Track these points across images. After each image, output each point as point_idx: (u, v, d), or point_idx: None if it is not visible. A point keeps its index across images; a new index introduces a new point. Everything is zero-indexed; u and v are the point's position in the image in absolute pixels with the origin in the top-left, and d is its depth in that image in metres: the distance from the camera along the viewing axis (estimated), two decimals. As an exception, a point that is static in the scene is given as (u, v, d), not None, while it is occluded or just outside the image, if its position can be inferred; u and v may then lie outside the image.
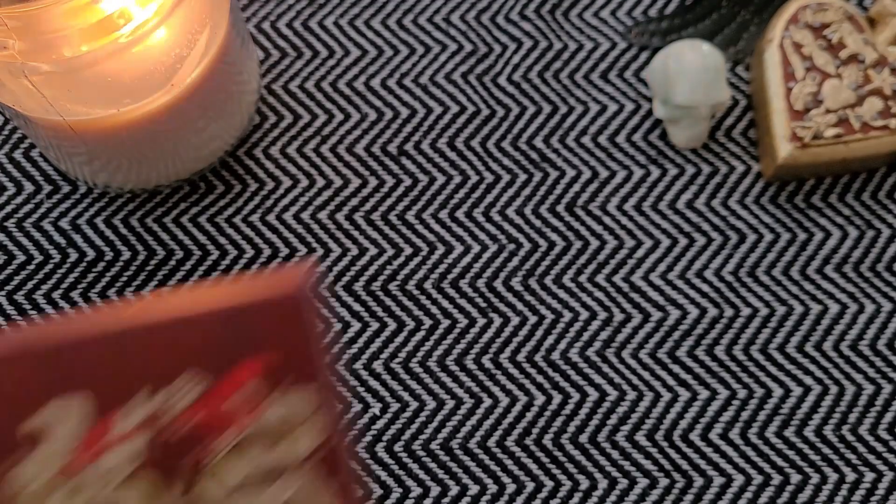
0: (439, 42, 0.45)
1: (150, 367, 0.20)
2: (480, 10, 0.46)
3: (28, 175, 0.43)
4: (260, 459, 0.21)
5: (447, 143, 0.44)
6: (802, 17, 0.41)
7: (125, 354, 0.20)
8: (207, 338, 0.20)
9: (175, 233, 0.42)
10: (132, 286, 0.41)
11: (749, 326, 0.41)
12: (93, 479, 0.20)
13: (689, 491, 0.38)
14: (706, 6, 0.46)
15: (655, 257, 0.42)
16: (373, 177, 0.43)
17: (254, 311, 0.20)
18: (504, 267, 0.41)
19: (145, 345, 0.20)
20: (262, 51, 0.45)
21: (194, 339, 0.20)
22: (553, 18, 0.46)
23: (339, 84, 0.45)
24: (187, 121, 0.39)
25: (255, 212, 0.42)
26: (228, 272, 0.41)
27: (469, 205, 0.43)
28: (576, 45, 0.45)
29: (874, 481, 0.39)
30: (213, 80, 0.38)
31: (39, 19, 0.31)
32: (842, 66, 0.41)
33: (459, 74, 0.45)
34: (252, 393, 0.21)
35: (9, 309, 0.41)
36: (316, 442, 0.21)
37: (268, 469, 0.21)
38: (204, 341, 0.20)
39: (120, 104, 0.36)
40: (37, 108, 0.35)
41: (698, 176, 0.43)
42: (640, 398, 0.40)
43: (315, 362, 0.21)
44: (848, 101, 0.40)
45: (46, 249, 0.42)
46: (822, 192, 0.43)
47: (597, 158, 0.43)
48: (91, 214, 0.42)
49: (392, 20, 0.46)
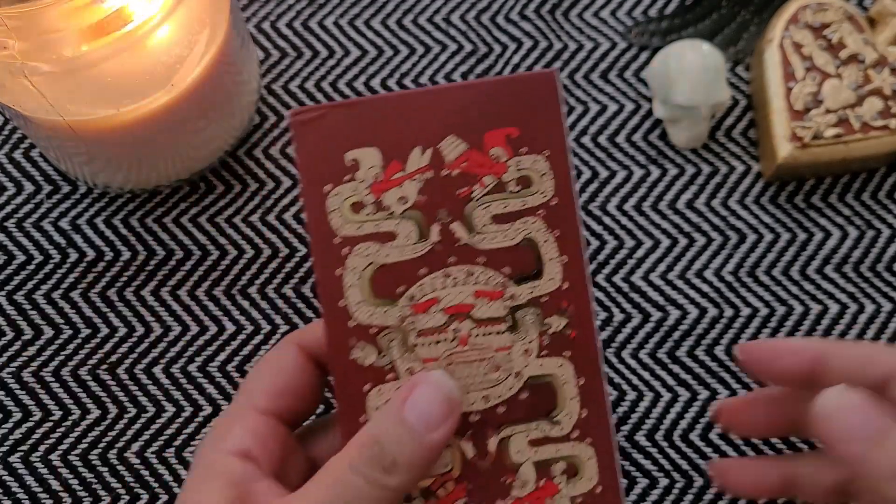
0: (439, 42, 0.45)
1: (421, 130, 0.28)
2: (480, 10, 0.46)
3: (28, 175, 0.43)
4: (507, 202, 0.28)
5: (447, 143, 0.43)
6: (802, 17, 0.41)
7: (403, 117, 0.28)
8: (466, 108, 0.28)
9: (175, 233, 0.42)
10: (132, 286, 0.41)
11: (749, 326, 0.41)
12: (391, 200, 0.28)
13: (689, 491, 0.38)
14: (706, 6, 0.46)
15: (655, 257, 0.42)
16: (373, 177, 0.43)
17: (506, 86, 0.28)
18: (504, 267, 0.41)
19: (417, 109, 0.28)
20: (262, 51, 0.45)
21: (455, 108, 0.28)
22: (553, 18, 0.45)
23: (339, 84, 0.45)
24: (187, 121, 0.39)
25: (255, 211, 0.42)
26: (228, 272, 0.41)
27: (469, 205, 0.42)
28: (576, 45, 0.45)
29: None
30: (213, 81, 0.38)
31: (39, 19, 0.31)
32: (842, 66, 0.41)
33: (459, 74, 0.45)
34: (498, 155, 0.28)
35: (8, 309, 0.41)
36: (547, 196, 0.28)
37: (510, 211, 0.28)
38: (462, 111, 0.28)
39: (120, 104, 0.36)
40: (37, 109, 0.35)
41: (698, 176, 0.43)
42: (640, 398, 0.40)
43: (551, 135, 0.28)
44: (848, 101, 0.40)
45: (46, 249, 0.42)
46: (822, 191, 0.43)
47: (597, 158, 0.43)
48: (91, 214, 0.42)
49: (392, 20, 0.46)
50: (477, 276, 0.28)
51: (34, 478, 0.38)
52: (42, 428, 0.39)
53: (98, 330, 0.41)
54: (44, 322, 0.41)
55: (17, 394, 0.40)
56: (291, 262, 0.41)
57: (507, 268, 0.28)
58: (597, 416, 0.28)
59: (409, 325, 0.28)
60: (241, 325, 0.41)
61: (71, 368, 0.40)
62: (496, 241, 0.28)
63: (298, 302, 0.41)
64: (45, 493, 0.38)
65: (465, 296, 0.28)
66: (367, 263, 0.28)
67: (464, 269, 0.28)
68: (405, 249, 0.28)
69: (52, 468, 0.39)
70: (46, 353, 0.40)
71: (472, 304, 0.28)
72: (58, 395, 0.40)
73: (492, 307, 0.28)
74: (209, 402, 0.40)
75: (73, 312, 0.41)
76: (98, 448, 0.39)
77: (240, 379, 0.40)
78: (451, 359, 0.28)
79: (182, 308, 0.41)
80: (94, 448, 0.39)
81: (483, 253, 0.28)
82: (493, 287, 0.28)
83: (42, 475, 0.39)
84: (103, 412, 0.39)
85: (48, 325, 0.41)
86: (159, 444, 0.39)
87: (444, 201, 0.28)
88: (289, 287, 0.41)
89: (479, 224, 0.28)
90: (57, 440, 0.39)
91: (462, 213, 0.28)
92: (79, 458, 0.39)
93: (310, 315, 0.41)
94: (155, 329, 0.41)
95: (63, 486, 0.38)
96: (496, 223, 0.28)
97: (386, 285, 0.28)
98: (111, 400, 0.40)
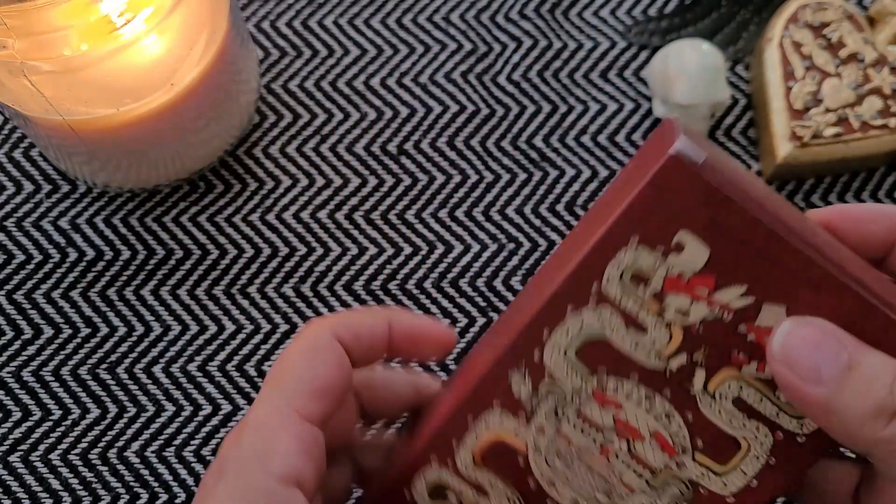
0: (439, 41, 0.45)
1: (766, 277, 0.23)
2: (480, 10, 0.46)
3: (27, 174, 0.43)
4: (765, 402, 0.24)
5: (447, 142, 0.44)
6: (802, 16, 0.41)
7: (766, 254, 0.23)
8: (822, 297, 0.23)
9: (175, 232, 0.42)
10: (132, 285, 0.41)
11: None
12: (672, 303, 0.24)
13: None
14: (706, 5, 0.46)
15: (655, 256, 0.42)
16: (372, 176, 0.43)
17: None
18: (504, 266, 0.41)
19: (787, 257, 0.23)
20: (261, 50, 0.45)
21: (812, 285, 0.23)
22: (553, 17, 0.45)
23: (338, 83, 0.45)
24: (187, 120, 0.39)
25: (255, 211, 0.42)
26: (228, 271, 0.41)
27: (469, 204, 0.42)
28: (575, 45, 0.45)
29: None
30: (213, 80, 0.38)
31: (39, 18, 0.31)
32: (841, 66, 0.41)
33: (459, 74, 0.45)
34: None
35: (8, 308, 0.41)
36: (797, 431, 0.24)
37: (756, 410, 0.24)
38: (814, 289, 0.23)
39: (120, 104, 0.36)
40: (36, 108, 0.35)
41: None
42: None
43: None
44: (847, 101, 0.40)
45: (46, 249, 0.42)
46: (822, 191, 0.43)
47: (596, 158, 0.43)
48: (90, 214, 0.42)
49: (392, 19, 0.46)
50: (671, 423, 0.25)
51: (34, 477, 0.38)
52: (42, 427, 0.39)
53: (98, 329, 0.40)
54: (43, 321, 0.41)
55: (16, 393, 0.40)
56: (291, 261, 0.41)
57: (700, 441, 0.25)
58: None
59: (576, 399, 0.26)
60: (240, 324, 0.41)
61: (71, 368, 0.40)
62: (716, 416, 0.25)
63: (298, 301, 0.41)
64: (45, 492, 0.38)
65: (646, 428, 0.25)
66: (598, 327, 0.25)
67: (668, 408, 0.25)
68: (640, 349, 0.25)
69: (52, 467, 0.39)
70: (46, 353, 0.40)
71: (643, 438, 0.25)
72: (57, 395, 0.40)
73: (655, 455, 0.26)
74: (209, 401, 0.39)
75: (72, 312, 0.41)
76: (98, 447, 0.39)
77: (240, 378, 0.40)
78: (582, 455, 0.26)
79: (182, 307, 0.41)
80: (94, 447, 0.39)
81: (696, 413, 0.25)
82: (674, 443, 0.25)
83: (42, 474, 0.39)
84: (103, 411, 0.39)
85: (48, 325, 0.41)
86: (159, 443, 0.39)
87: (712, 347, 0.24)
88: (288, 286, 0.41)
89: (719, 392, 0.25)
90: (57, 439, 0.39)
91: (716, 370, 0.24)
92: (78, 458, 0.39)
93: (309, 314, 0.41)
94: (154, 328, 0.41)
95: (63, 485, 0.38)
96: (733, 405, 0.25)
97: (594, 357, 0.25)
98: (111, 399, 0.40)
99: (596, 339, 0.25)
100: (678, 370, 0.25)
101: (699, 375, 0.24)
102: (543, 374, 0.25)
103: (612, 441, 0.26)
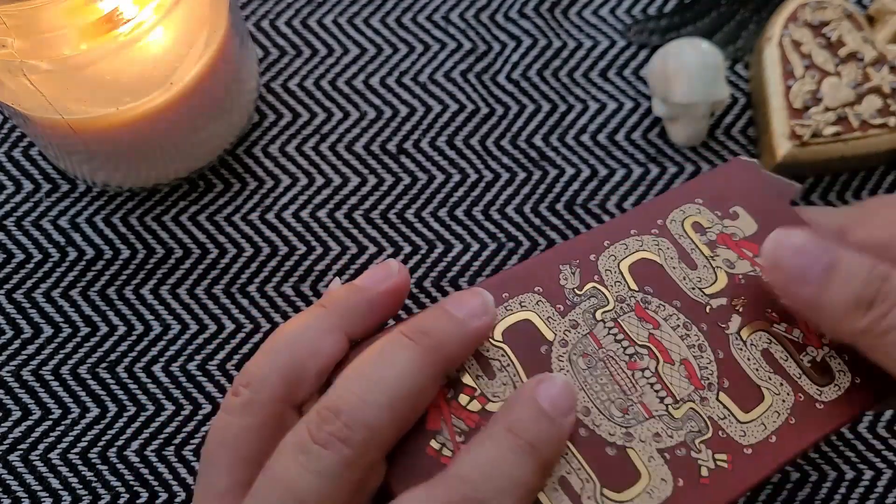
0: (439, 40, 0.45)
1: None
2: (480, 9, 0.46)
3: (27, 173, 0.43)
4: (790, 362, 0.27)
5: (446, 141, 0.44)
6: (801, 15, 0.41)
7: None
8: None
9: (174, 231, 0.42)
10: (131, 284, 0.41)
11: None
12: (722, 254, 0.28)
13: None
14: (705, 4, 0.46)
15: (655, 255, 0.42)
16: (372, 175, 0.43)
17: None
18: (503, 265, 0.41)
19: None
20: (261, 49, 0.45)
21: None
22: (552, 16, 0.45)
23: (338, 82, 0.45)
24: (186, 119, 0.39)
25: (255, 210, 0.42)
26: (227, 270, 0.41)
27: (468, 203, 0.43)
28: (575, 44, 0.45)
29: (854, 480, 0.39)
30: (213, 79, 0.38)
31: (38, 17, 0.31)
32: (841, 64, 0.41)
33: (459, 73, 0.45)
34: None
35: (8, 308, 0.41)
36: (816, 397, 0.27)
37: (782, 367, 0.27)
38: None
39: (119, 103, 0.36)
40: (36, 107, 0.35)
41: (698, 174, 0.43)
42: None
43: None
44: (847, 99, 0.40)
45: (45, 248, 0.42)
46: (822, 190, 0.43)
47: (596, 157, 0.43)
48: (90, 213, 0.42)
49: (391, 18, 0.46)
50: (703, 356, 0.27)
51: (34, 476, 0.38)
52: (41, 426, 0.39)
53: (97, 328, 0.40)
54: (43, 321, 0.41)
55: (16, 392, 0.40)
56: (291, 260, 0.41)
57: (727, 381, 0.27)
58: None
59: (617, 308, 0.27)
60: (240, 323, 0.41)
61: (70, 367, 0.40)
62: (744, 362, 0.27)
63: (298, 300, 0.41)
64: (45, 491, 0.38)
65: (678, 353, 0.27)
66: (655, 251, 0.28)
67: (702, 341, 0.27)
68: (687, 281, 0.28)
69: (52, 467, 0.39)
70: (46, 352, 0.40)
71: (673, 363, 0.27)
72: (57, 394, 0.40)
73: (682, 383, 0.27)
74: (208, 400, 0.40)
75: (72, 311, 0.41)
76: (97, 446, 0.39)
77: (239, 377, 0.40)
78: (608, 362, 0.27)
79: (181, 306, 0.41)
80: (94, 446, 0.39)
81: (727, 353, 0.27)
82: (701, 376, 0.27)
83: (41, 474, 0.39)
84: (103, 411, 0.39)
85: (47, 324, 0.41)
86: (159, 442, 0.39)
87: (750, 299, 0.27)
88: (288, 285, 0.41)
89: (751, 340, 0.27)
90: (56, 439, 0.39)
91: (751, 321, 0.27)
92: (78, 457, 0.39)
93: (309, 313, 0.41)
94: (154, 327, 0.41)
95: (62, 484, 0.38)
96: (762, 355, 0.27)
97: (644, 275, 0.28)
98: (110, 398, 0.40)
99: (650, 261, 0.28)
100: (717, 309, 0.27)
101: (735, 320, 0.27)
102: (593, 275, 0.28)
103: (641, 357, 0.27)
